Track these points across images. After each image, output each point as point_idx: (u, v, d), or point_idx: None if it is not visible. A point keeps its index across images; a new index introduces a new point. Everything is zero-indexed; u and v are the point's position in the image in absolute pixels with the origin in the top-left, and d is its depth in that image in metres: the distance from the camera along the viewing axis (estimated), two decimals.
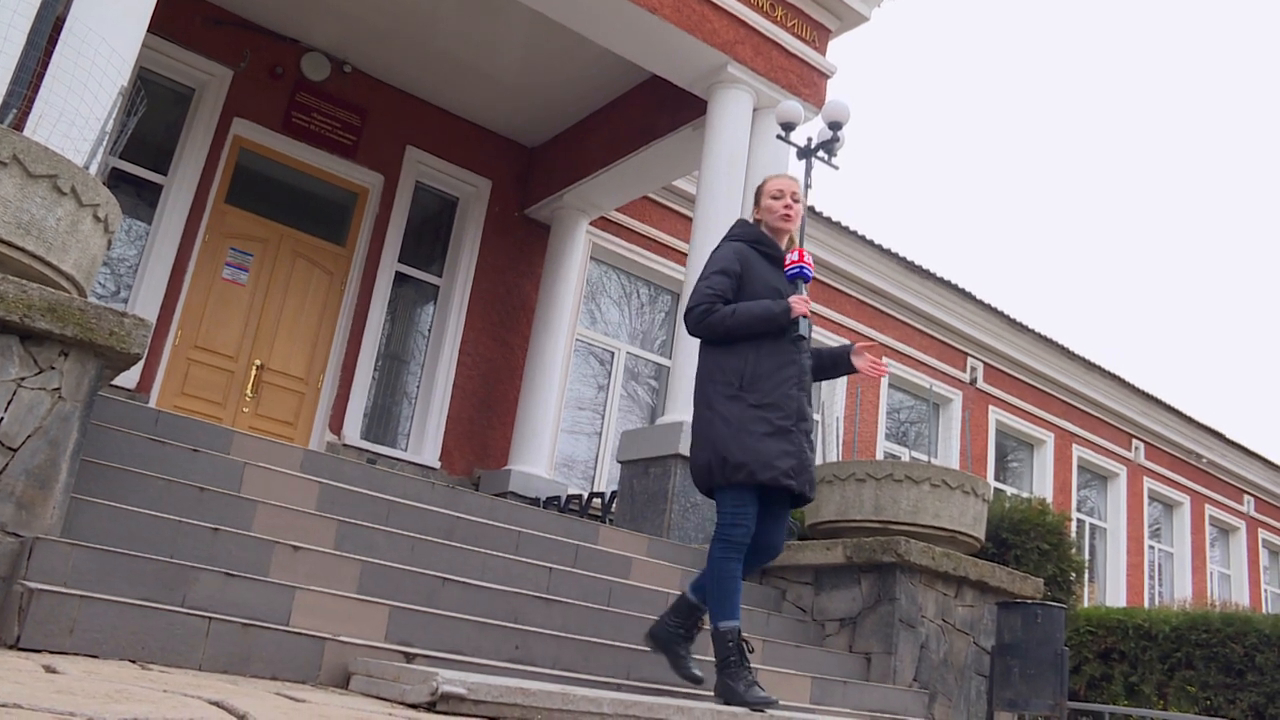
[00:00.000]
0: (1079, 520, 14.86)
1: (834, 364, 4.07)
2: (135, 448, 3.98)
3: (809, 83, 8.06)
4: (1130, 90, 57.09)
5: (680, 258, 10.29)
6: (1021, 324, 13.91)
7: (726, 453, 3.57)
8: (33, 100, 4.32)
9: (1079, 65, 57.45)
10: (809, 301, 3.73)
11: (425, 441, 9.13)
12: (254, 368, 8.45)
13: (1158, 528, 16.53)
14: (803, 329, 3.67)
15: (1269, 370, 52.05)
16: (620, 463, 7.21)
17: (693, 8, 7.44)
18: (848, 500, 5.99)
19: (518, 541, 4.86)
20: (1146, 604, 14.99)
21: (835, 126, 6.70)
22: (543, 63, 8.90)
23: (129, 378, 7.64)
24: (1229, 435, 17.18)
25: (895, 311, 12.80)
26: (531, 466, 9.06)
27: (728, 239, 3.95)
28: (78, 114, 4.17)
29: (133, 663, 2.78)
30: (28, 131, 4.14)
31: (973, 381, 13.66)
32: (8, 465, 3.03)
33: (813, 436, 3.79)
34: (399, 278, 9.42)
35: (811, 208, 10.58)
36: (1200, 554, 16.73)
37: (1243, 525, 17.84)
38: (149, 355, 7.86)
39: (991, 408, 13.89)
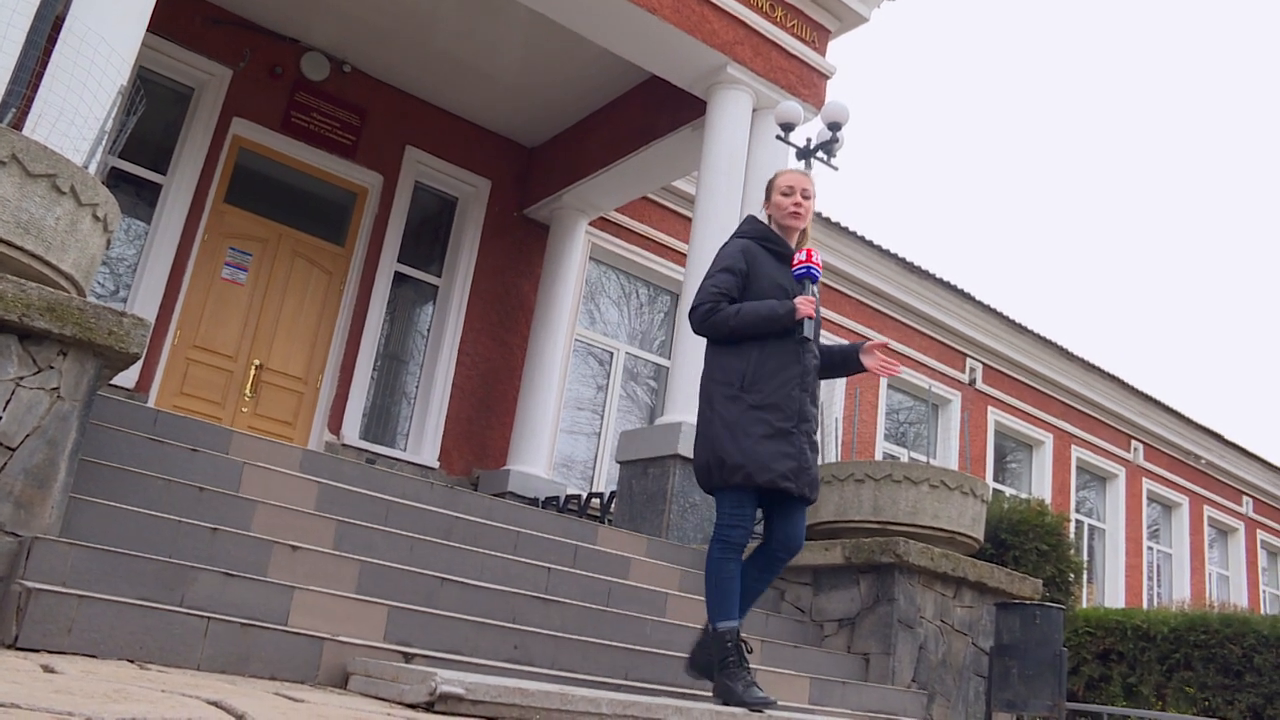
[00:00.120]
0: (1078, 521, 14.87)
1: (843, 362, 3.99)
2: (134, 447, 3.98)
3: (808, 83, 8.06)
4: (1130, 90, 57.15)
5: (679, 258, 10.29)
6: (1020, 325, 13.91)
7: (724, 454, 3.56)
8: (32, 99, 4.32)
9: (1079, 65, 57.50)
10: (815, 302, 3.65)
11: (424, 441, 9.13)
12: (253, 367, 8.45)
13: (1156, 529, 16.54)
14: (807, 331, 3.62)
15: (1268, 371, 52.10)
16: (619, 463, 7.21)
17: (692, 8, 7.44)
18: (846, 501, 5.99)
19: (516, 541, 4.86)
20: (1145, 605, 14.99)
21: (834, 127, 6.72)
22: (542, 63, 8.90)
23: (128, 377, 7.64)
24: (1228, 436, 17.20)
25: (894, 312, 12.80)
26: (530, 467, 9.06)
27: (735, 235, 3.92)
28: (77, 113, 4.17)
29: (131, 662, 2.77)
30: (27, 130, 4.14)
31: (972, 382, 13.66)
32: (6, 464, 3.03)
33: (816, 437, 3.75)
34: (398, 278, 9.42)
35: None
36: (1199, 555, 16.74)
37: (1241, 526, 17.85)
38: (148, 355, 7.85)
39: (990, 408, 13.89)
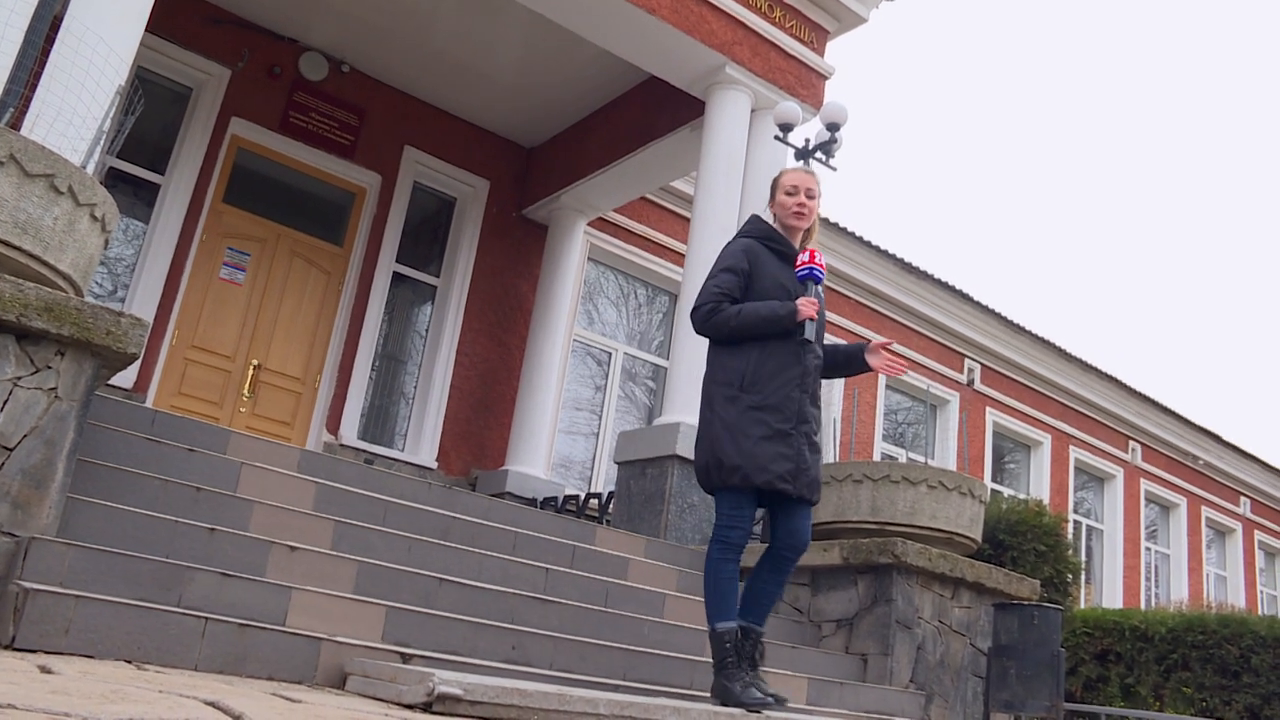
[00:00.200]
0: (1076, 522, 14.88)
1: (848, 362, 3.97)
2: (132, 447, 3.98)
3: (807, 84, 8.06)
4: (1128, 91, 57.20)
5: (678, 259, 10.29)
6: (1019, 326, 13.92)
7: (723, 455, 3.56)
8: (30, 99, 4.32)
9: (1077, 66, 57.55)
10: (816, 304, 3.64)
11: (422, 442, 9.13)
12: (251, 367, 8.44)
13: (1154, 529, 16.55)
14: (808, 332, 3.61)
15: (1266, 372, 52.15)
16: (617, 463, 7.21)
17: (691, 8, 7.44)
18: (844, 501, 6.00)
19: (514, 542, 4.86)
20: (1143, 605, 15.00)
21: (833, 128, 6.72)
22: (541, 63, 8.90)
23: (126, 377, 7.63)
24: (1226, 437, 17.21)
25: (892, 313, 12.80)
26: (529, 467, 9.06)
27: (738, 235, 3.93)
28: (75, 113, 4.17)
29: (128, 663, 2.77)
30: (25, 130, 4.14)
31: (970, 383, 13.67)
32: (3, 465, 3.03)
33: (818, 438, 3.73)
34: (396, 278, 9.41)
35: None
36: (1196, 555, 16.76)
37: (1239, 527, 17.86)
38: (146, 355, 7.85)
39: (989, 409, 13.90)
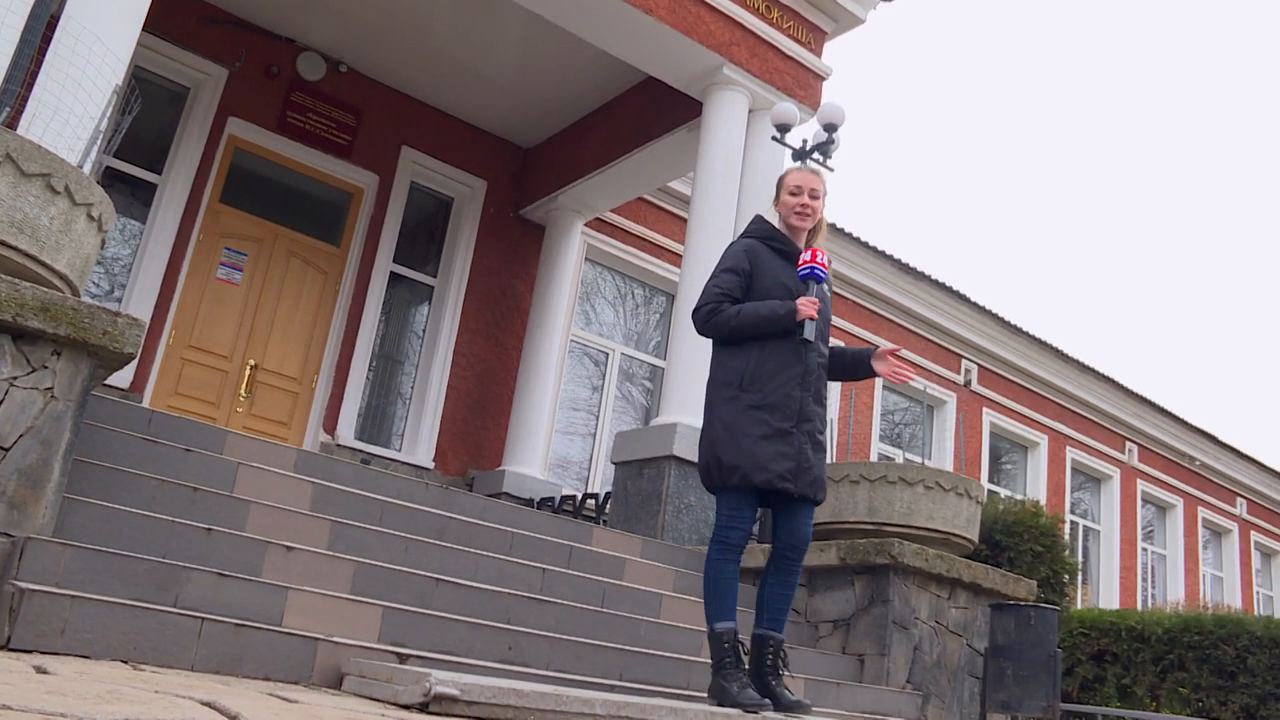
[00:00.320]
0: (1072, 522, 14.89)
1: (855, 366, 3.97)
2: (128, 447, 3.97)
3: (804, 85, 8.07)
4: (1125, 92, 57.28)
5: (675, 259, 10.30)
6: (1016, 326, 13.94)
7: (722, 454, 3.57)
8: (26, 98, 4.31)
9: (1075, 67, 57.62)
10: (817, 303, 3.64)
11: (419, 442, 9.12)
12: (248, 368, 8.43)
13: (1151, 530, 16.57)
14: (808, 332, 3.61)
15: (1262, 373, 52.24)
16: (614, 464, 7.20)
17: (688, 9, 7.44)
18: (841, 502, 6.00)
19: (511, 542, 4.85)
20: (1139, 606, 15.02)
21: (830, 129, 6.71)
22: (538, 63, 8.90)
23: (122, 377, 7.62)
24: (1222, 438, 17.22)
25: (889, 314, 12.81)
26: (526, 467, 9.06)
27: (741, 236, 3.96)
28: (72, 112, 4.16)
29: (125, 663, 2.77)
30: (21, 130, 4.13)
31: (967, 384, 13.68)
32: None
33: (823, 437, 3.72)
34: (393, 278, 9.41)
35: None
36: (1193, 556, 16.78)
37: (1235, 528, 17.88)
38: (143, 355, 7.84)
39: (985, 410, 13.91)
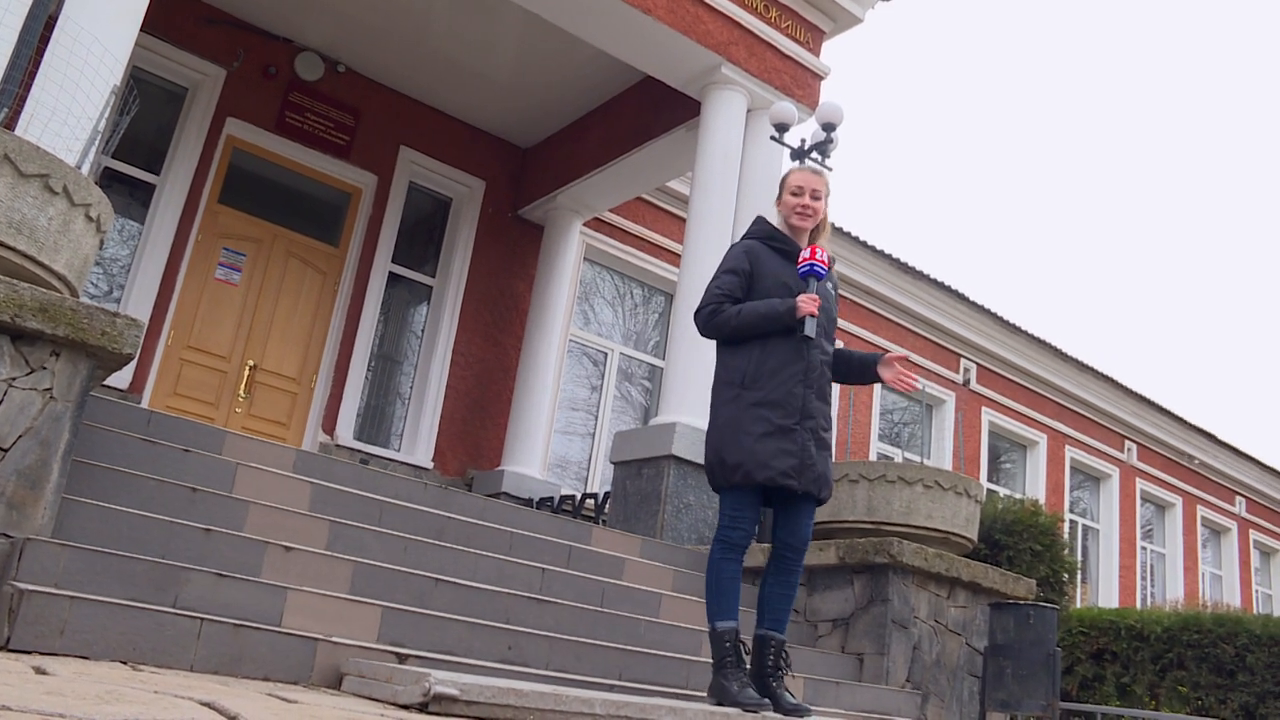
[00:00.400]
0: (1071, 521, 14.90)
1: (861, 370, 3.98)
2: (127, 448, 3.97)
3: (802, 84, 8.07)
4: (1124, 91, 57.30)
5: (674, 259, 10.30)
6: (1014, 325, 13.94)
7: (725, 453, 3.58)
8: (24, 99, 4.31)
9: (1073, 66, 57.65)
10: (817, 300, 3.64)
11: (418, 442, 9.12)
12: (247, 368, 8.43)
13: (1150, 529, 16.58)
14: (809, 329, 3.62)
15: (1261, 372, 52.28)
16: (613, 463, 7.20)
17: (686, 9, 7.44)
18: (840, 501, 6.00)
19: (510, 542, 4.85)
20: (1138, 605, 15.03)
21: (829, 128, 6.70)
22: (537, 63, 8.90)
23: (121, 378, 7.62)
24: (1221, 437, 17.23)
25: (888, 313, 12.82)
26: (525, 467, 9.06)
27: (742, 237, 3.98)
28: (70, 113, 4.16)
29: (124, 664, 2.77)
30: (19, 130, 4.13)
31: (966, 383, 13.68)
32: None
33: (828, 435, 3.71)
34: (392, 278, 9.40)
35: None
36: (1192, 555, 16.79)
37: (1234, 526, 17.90)
38: (141, 355, 7.83)
39: (984, 409, 13.92)
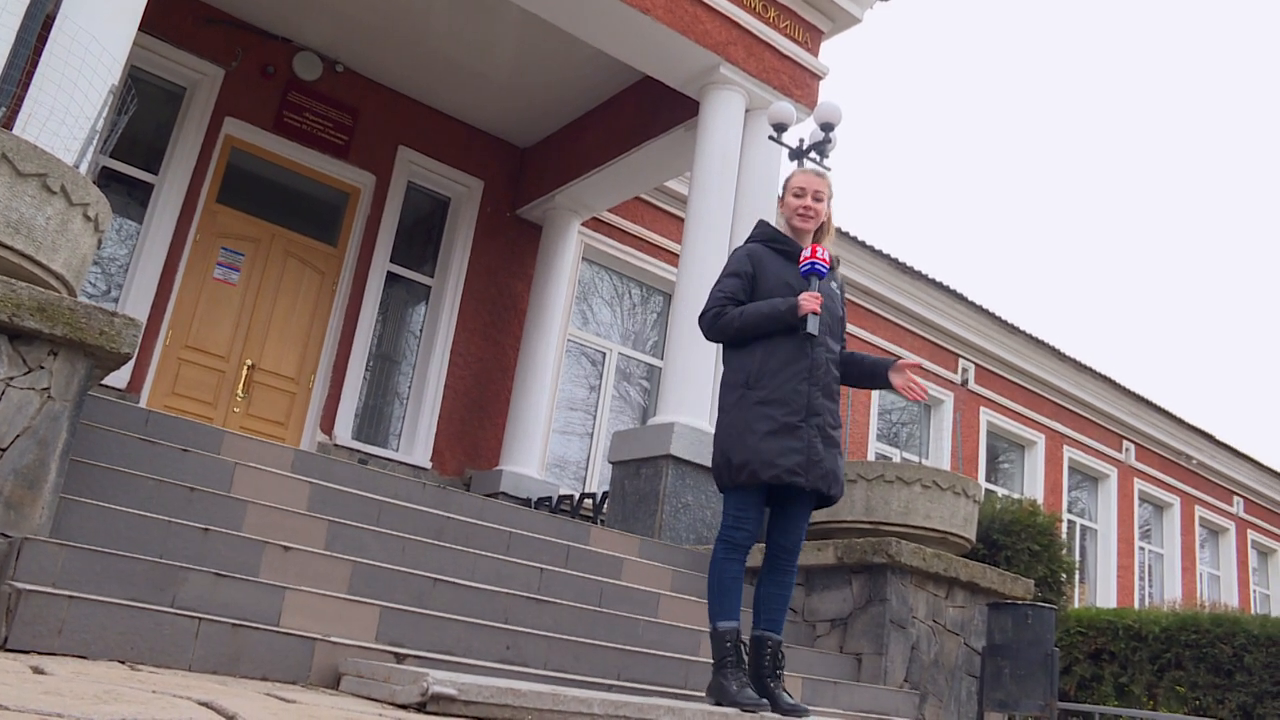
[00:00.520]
0: (1069, 521, 14.91)
1: (872, 375, 3.98)
2: (125, 448, 3.97)
3: (801, 84, 8.07)
4: (1122, 91, 57.35)
5: (672, 259, 10.30)
6: (1013, 325, 13.95)
7: (731, 452, 3.59)
8: (22, 98, 4.31)
9: (1071, 66, 57.69)
10: (819, 298, 3.65)
11: (416, 442, 9.12)
12: (245, 368, 8.43)
13: (1148, 529, 16.59)
14: (811, 327, 3.62)
15: (1259, 372, 52.33)
16: (612, 463, 7.20)
17: (685, 9, 7.44)
18: (838, 501, 5.99)
19: (509, 542, 4.85)
20: (1136, 605, 15.04)
21: (827, 128, 6.70)
22: (535, 63, 8.90)
23: (119, 378, 7.61)
24: (1219, 437, 17.25)
25: (886, 313, 12.82)
26: (523, 467, 9.06)
27: (746, 241, 4.00)
28: (68, 112, 4.16)
29: (122, 663, 2.77)
30: (17, 130, 4.12)
31: (964, 383, 13.69)
32: None
33: (836, 432, 3.70)
34: (390, 278, 9.40)
35: None
36: (1190, 555, 16.80)
37: (1232, 526, 17.91)
38: (139, 355, 7.83)
39: (982, 409, 13.92)
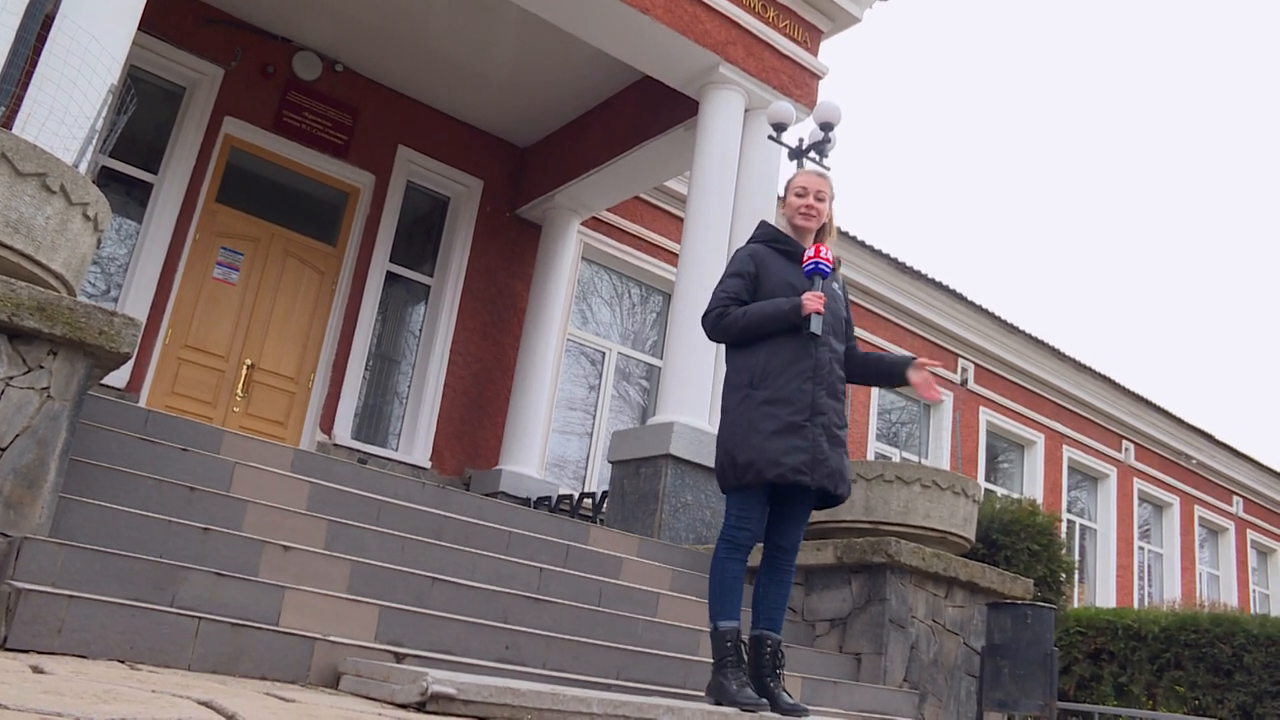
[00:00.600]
0: (1069, 521, 14.91)
1: (889, 373, 3.95)
2: (125, 447, 3.96)
3: (800, 83, 8.07)
4: (1122, 91, 57.35)
5: (672, 258, 10.30)
6: (1012, 325, 13.95)
7: (736, 453, 3.58)
8: (21, 98, 4.31)
9: (1071, 65, 57.69)
10: (823, 297, 3.64)
11: (416, 441, 9.12)
12: (245, 367, 8.43)
13: (1147, 529, 16.60)
14: (814, 326, 3.62)
15: (1258, 371, 52.34)
16: (611, 463, 7.20)
17: (684, 8, 7.44)
18: None
19: (508, 541, 4.85)
20: (1136, 605, 15.04)
21: (827, 127, 6.71)
22: (535, 62, 8.90)
23: (119, 377, 7.61)
24: (1218, 436, 17.25)
25: (886, 312, 12.83)
26: (522, 466, 9.06)
27: (747, 241, 3.99)
28: (67, 112, 4.16)
29: (122, 663, 2.77)
30: (16, 129, 4.12)
31: (963, 382, 13.69)
32: None
33: (842, 432, 3.69)
34: (390, 277, 9.40)
35: None
36: (1189, 555, 16.80)
37: (1231, 526, 17.92)
38: (139, 354, 7.83)
39: (982, 409, 13.92)
